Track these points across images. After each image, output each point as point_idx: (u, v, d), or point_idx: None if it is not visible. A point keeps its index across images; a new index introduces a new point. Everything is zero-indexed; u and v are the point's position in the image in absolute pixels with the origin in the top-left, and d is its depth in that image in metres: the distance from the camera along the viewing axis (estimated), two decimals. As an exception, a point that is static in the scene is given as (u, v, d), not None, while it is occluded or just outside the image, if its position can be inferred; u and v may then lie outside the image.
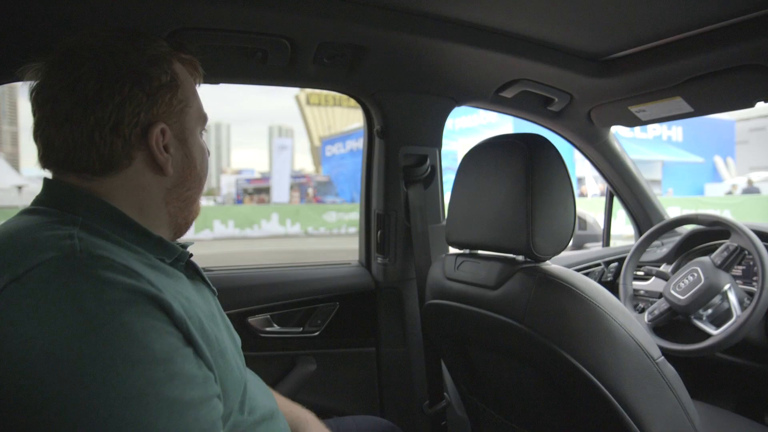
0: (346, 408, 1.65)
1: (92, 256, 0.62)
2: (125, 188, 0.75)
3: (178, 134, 0.79)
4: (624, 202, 2.19)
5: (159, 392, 0.58)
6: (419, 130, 1.70)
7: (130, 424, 0.55)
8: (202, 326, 0.69)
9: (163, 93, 0.76)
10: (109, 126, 0.71)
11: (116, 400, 0.55)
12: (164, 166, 0.77)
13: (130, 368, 0.57)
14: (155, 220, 0.79)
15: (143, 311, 0.60)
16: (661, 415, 0.99)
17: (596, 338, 0.96)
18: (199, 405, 0.62)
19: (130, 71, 0.73)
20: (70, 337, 0.56)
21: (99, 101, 0.70)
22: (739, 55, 1.31)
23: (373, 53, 1.40)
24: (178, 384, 0.60)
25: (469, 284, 1.15)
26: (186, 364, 0.63)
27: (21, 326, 0.56)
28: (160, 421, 0.57)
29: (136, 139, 0.73)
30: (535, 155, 1.03)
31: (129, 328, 0.58)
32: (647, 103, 1.66)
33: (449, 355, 1.38)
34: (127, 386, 0.56)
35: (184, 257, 0.81)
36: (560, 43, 1.46)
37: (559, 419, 1.14)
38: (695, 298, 1.56)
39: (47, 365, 0.55)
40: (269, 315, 1.59)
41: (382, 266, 1.74)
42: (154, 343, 0.59)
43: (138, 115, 0.73)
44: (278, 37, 1.27)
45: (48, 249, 0.61)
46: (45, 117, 0.72)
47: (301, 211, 16.65)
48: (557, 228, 1.04)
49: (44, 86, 0.73)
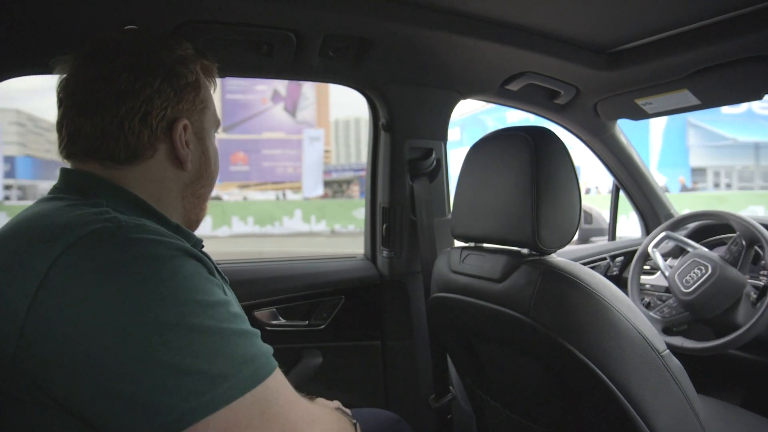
0: (352, 401, 1.65)
1: (138, 225, 0.66)
2: (146, 178, 0.79)
3: (197, 132, 0.84)
4: (630, 196, 2.18)
5: (230, 327, 0.64)
6: (425, 124, 1.69)
7: (218, 355, 0.61)
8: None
9: (188, 91, 0.81)
10: (138, 116, 0.75)
11: (200, 336, 0.60)
12: (184, 160, 0.81)
13: (202, 310, 0.62)
14: (171, 212, 0.82)
15: (195, 265, 0.66)
16: (665, 409, 0.98)
17: (601, 331, 0.96)
18: (258, 335, 0.69)
19: (160, 67, 0.77)
20: (141, 290, 0.59)
21: (131, 92, 0.74)
22: (746, 46, 1.30)
23: (379, 46, 1.40)
24: (241, 321, 0.67)
25: (475, 277, 1.15)
26: (236, 308, 0.69)
27: (88, 288, 0.59)
28: (240, 348, 0.63)
29: (161, 131, 0.78)
30: (541, 148, 1.03)
31: (189, 278, 0.63)
32: (654, 96, 1.65)
33: (454, 348, 1.38)
34: (205, 324, 0.61)
35: (198, 245, 0.84)
36: (566, 35, 1.45)
37: (564, 412, 1.14)
38: (707, 296, 1.55)
39: (125, 318, 0.58)
40: (275, 308, 1.60)
41: (387, 260, 1.74)
42: (212, 290, 0.65)
43: (165, 109, 0.77)
44: (284, 30, 1.27)
45: (94, 221, 0.64)
46: (75, 106, 0.76)
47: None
48: (562, 221, 1.04)
49: (76, 77, 0.77)
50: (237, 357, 0.62)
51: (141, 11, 1.14)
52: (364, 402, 1.64)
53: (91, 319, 0.57)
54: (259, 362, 0.65)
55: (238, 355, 0.63)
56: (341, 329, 1.68)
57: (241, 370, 0.62)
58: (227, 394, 0.60)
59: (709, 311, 1.54)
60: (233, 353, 0.62)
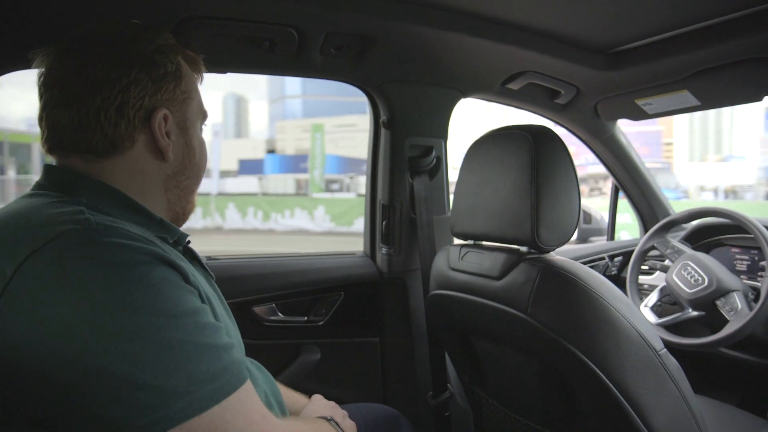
0: (350, 397, 1.67)
1: (108, 227, 0.65)
2: (126, 171, 0.77)
3: (179, 123, 0.83)
4: (629, 196, 2.19)
5: (195, 340, 0.62)
6: (425, 122, 1.70)
7: (177, 370, 0.59)
8: (209, 300, 0.72)
9: (167, 81, 0.79)
10: (114, 106, 0.74)
11: (160, 350, 0.58)
12: (165, 150, 0.80)
13: (165, 321, 0.60)
14: (155, 205, 0.81)
15: (166, 272, 0.64)
16: (662, 407, 0.99)
17: (599, 329, 0.96)
18: (230, 347, 0.66)
19: (138, 57, 0.76)
20: (104, 298, 0.58)
21: (107, 82, 0.73)
22: (746, 47, 1.31)
23: (380, 44, 1.40)
24: (209, 333, 0.64)
25: (473, 275, 1.16)
26: (209, 317, 0.67)
27: (50, 293, 0.57)
28: (203, 365, 0.61)
29: (139, 122, 0.76)
30: (541, 146, 1.03)
31: (157, 286, 0.61)
32: (654, 96, 1.66)
33: (452, 345, 1.38)
34: (167, 337, 0.59)
35: (182, 240, 0.84)
36: (567, 34, 1.45)
37: (561, 409, 1.14)
38: (700, 294, 1.56)
39: (86, 326, 0.56)
40: (274, 304, 1.60)
41: (386, 256, 1.74)
42: (181, 299, 0.63)
43: (143, 98, 0.76)
44: (285, 26, 1.27)
45: (64, 222, 0.63)
46: (53, 99, 0.75)
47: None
48: (562, 219, 1.04)
49: (54, 69, 0.76)
50: (197, 373, 0.60)
51: (143, 7, 1.15)
52: (362, 398, 1.64)
53: (51, 326, 0.56)
54: (222, 380, 0.62)
55: (200, 371, 0.60)
56: (340, 325, 1.68)
57: (199, 387, 0.59)
58: (182, 413, 0.58)
59: (706, 310, 1.55)
60: (194, 369, 0.60)
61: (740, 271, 1.73)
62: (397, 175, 1.70)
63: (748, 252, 1.74)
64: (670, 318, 1.62)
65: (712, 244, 1.84)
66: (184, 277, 0.67)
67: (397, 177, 1.70)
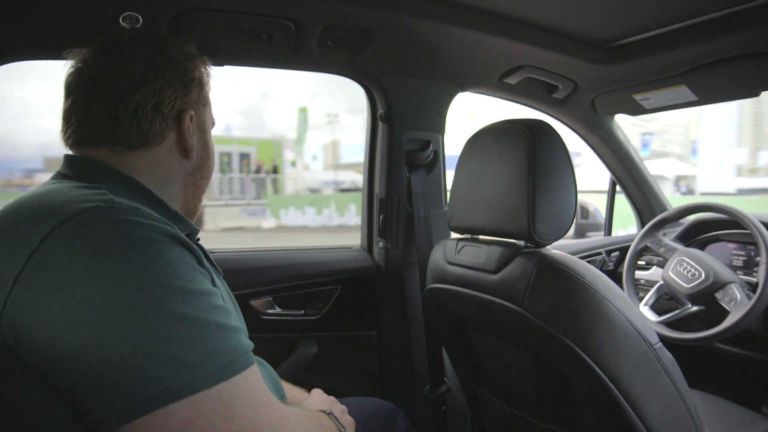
0: (347, 391, 1.67)
1: (130, 207, 0.67)
2: (153, 164, 0.84)
3: (200, 125, 0.91)
4: (627, 191, 2.19)
5: (207, 317, 0.64)
6: (423, 116, 1.70)
7: (189, 343, 0.60)
8: (219, 288, 0.74)
9: (195, 85, 0.88)
10: (151, 104, 0.81)
11: (173, 322, 0.60)
12: (191, 149, 0.88)
13: (180, 296, 0.62)
14: (172, 199, 0.87)
15: (182, 252, 0.67)
16: (657, 400, 0.99)
17: (594, 323, 0.97)
18: (239, 330, 0.68)
19: (171, 61, 0.85)
20: (123, 271, 0.60)
21: (146, 82, 0.81)
22: (744, 42, 1.31)
23: (378, 37, 1.40)
24: (221, 313, 0.66)
25: (470, 268, 1.16)
26: (220, 300, 0.69)
27: (73, 264, 0.59)
28: (214, 340, 0.63)
29: (172, 120, 0.85)
30: (538, 140, 1.03)
31: (174, 264, 0.64)
32: (651, 91, 1.66)
33: (449, 339, 1.39)
34: (181, 311, 0.61)
35: (194, 234, 0.88)
36: (565, 29, 1.45)
37: (556, 403, 1.15)
38: (699, 288, 1.56)
39: (104, 296, 0.58)
40: (271, 297, 1.60)
41: (383, 250, 1.74)
42: (195, 279, 0.66)
43: (175, 99, 0.84)
44: (282, 18, 1.27)
45: (88, 201, 0.65)
46: (88, 94, 0.81)
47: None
48: (558, 213, 1.04)
49: (90, 68, 0.82)
50: (209, 348, 0.62)
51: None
52: (359, 392, 1.65)
53: (70, 295, 0.58)
54: (231, 357, 0.64)
55: (210, 346, 0.62)
56: (337, 319, 1.69)
57: (210, 361, 0.61)
58: (192, 384, 0.59)
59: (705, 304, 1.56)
60: (205, 344, 0.62)
61: (737, 266, 1.74)
62: (395, 169, 1.70)
63: (745, 248, 1.74)
64: (671, 315, 1.63)
65: (709, 239, 1.84)
66: (198, 259, 0.70)
67: (395, 171, 1.70)
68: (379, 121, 1.69)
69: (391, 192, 1.71)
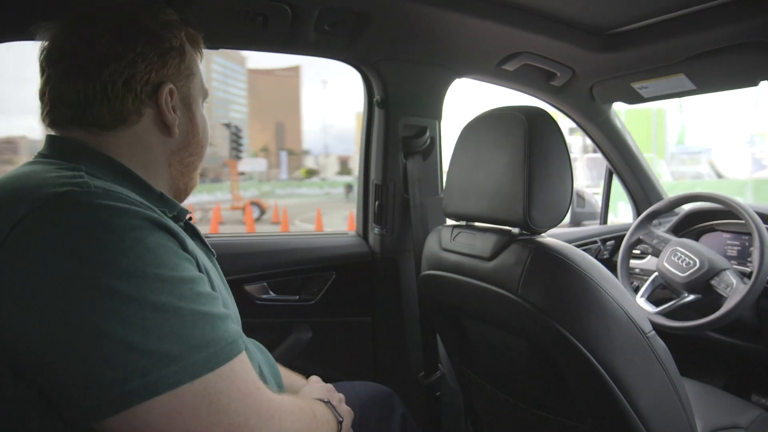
0: (341, 376, 1.68)
1: (106, 191, 0.64)
2: (132, 144, 0.78)
3: (184, 98, 0.84)
4: (623, 180, 2.19)
5: (190, 306, 0.61)
6: (419, 102, 1.69)
7: (170, 335, 0.58)
8: (207, 271, 0.72)
9: (172, 56, 0.80)
10: (121, 80, 0.75)
11: (153, 314, 0.58)
12: (171, 125, 0.81)
13: (160, 285, 0.59)
14: (157, 179, 0.82)
15: (162, 237, 0.64)
16: (649, 388, 1.00)
17: (588, 311, 0.97)
18: (225, 318, 0.66)
19: (143, 31, 0.78)
20: (99, 260, 0.57)
21: (113, 56, 0.75)
22: (743, 32, 1.30)
23: (375, 21, 1.38)
24: (205, 301, 0.64)
25: (465, 255, 1.16)
26: (205, 287, 0.66)
27: (46, 251, 0.57)
28: (197, 331, 0.61)
29: (146, 96, 0.78)
30: (534, 127, 1.02)
31: (153, 251, 0.61)
32: (650, 80, 1.65)
33: (443, 325, 1.39)
34: (162, 301, 0.59)
35: (183, 215, 0.84)
36: (563, 15, 1.44)
37: (549, 390, 1.15)
38: (694, 276, 1.57)
39: (80, 286, 0.56)
40: (266, 282, 1.60)
41: (379, 237, 1.74)
42: (177, 265, 0.63)
43: (149, 73, 0.77)
44: (278, 1, 1.25)
45: (63, 185, 0.63)
46: (57, 73, 0.76)
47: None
48: (554, 201, 1.04)
49: (58, 44, 0.77)
50: (191, 339, 0.59)
51: None
52: (353, 378, 1.65)
53: (44, 284, 0.56)
54: (216, 348, 0.61)
55: (194, 337, 0.60)
56: (332, 305, 1.69)
57: (192, 353, 0.59)
58: (173, 378, 0.57)
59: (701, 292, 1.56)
60: (188, 335, 0.59)
61: (731, 256, 1.74)
62: (391, 155, 1.69)
63: (739, 237, 1.75)
64: (667, 306, 1.63)
65: (704, 229, 1.84)
66: (181, 244, 0.66)
67: (391, 157, 1.69)
68: (376, 106, 1.68)
69: (387, 178, 1.70)
